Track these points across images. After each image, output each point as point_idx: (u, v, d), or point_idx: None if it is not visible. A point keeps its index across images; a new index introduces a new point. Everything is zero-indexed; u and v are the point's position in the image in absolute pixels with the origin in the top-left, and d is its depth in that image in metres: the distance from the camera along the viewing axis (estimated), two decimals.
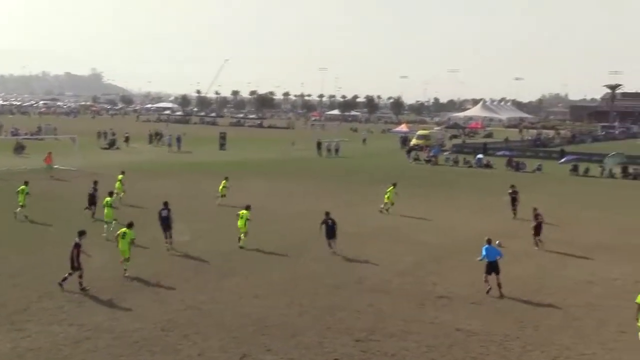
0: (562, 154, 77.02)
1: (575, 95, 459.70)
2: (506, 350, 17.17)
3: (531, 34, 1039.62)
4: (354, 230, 31.16)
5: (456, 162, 69.81)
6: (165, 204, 27.26)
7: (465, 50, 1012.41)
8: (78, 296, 20.39)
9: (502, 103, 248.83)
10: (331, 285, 22.31)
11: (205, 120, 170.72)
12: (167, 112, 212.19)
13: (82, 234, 21.41)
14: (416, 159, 70.90)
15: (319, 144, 77.45)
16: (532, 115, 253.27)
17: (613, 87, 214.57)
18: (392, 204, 36.51)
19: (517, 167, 65.65)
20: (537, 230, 28.92)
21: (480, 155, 71.99)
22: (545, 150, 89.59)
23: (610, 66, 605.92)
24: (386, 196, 36.57)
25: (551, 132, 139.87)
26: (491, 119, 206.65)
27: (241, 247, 26.81)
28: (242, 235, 27.10)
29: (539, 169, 64.85)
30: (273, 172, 56.17)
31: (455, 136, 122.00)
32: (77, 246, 20.98)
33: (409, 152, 74.42)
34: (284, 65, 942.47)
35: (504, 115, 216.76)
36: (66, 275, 21.00)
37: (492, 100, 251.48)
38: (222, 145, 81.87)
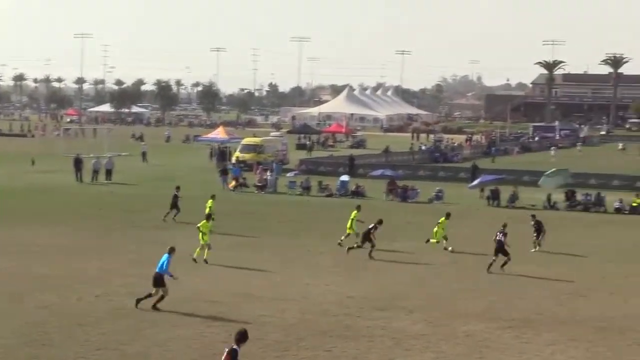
0: (475, 172, 79.57)
1: (492, 80, 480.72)
2: None
3: None
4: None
5: (306, 188, 70.45)
6: None
7: (311, 10, 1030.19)
8: None
9: (380, 92, 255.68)
10: None
11: None
12: None
13: (243, 338, 19.88)
14: (240, 185, 70.98)
15: (77, 162, 75.92)
16: (427, 111, 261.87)
17: (550, 67, 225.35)
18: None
19: (405, 195, 67.34)
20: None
21: (345, 177, 73.24)
22: (448, 167, 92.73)
23: (544, 34, 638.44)
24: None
25: (457, 138, 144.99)
26: (363, 118, 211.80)
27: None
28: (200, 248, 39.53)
29: (438, 197, 66.92)
30: None
31: (304, 146, 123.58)
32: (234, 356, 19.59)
33: (224, 172, 73.80)
34: (20, 28, 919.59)
35: (382, 112, 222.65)
36: None
37: (363, 87, 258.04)
38: None
